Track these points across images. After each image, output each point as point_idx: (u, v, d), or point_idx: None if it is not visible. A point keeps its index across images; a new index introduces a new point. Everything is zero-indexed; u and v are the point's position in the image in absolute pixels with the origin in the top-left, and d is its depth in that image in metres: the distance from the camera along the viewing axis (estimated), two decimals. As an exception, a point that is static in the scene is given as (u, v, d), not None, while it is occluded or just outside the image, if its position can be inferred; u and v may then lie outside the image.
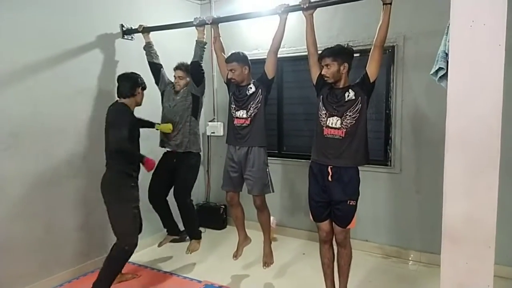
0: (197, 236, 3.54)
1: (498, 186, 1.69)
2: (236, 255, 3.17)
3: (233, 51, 2.97)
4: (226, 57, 3.01)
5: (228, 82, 3.07)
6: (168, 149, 3.44)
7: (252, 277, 3.24)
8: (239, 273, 3.30)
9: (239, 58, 2.94)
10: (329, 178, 2.51)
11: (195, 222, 3.54)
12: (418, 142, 3.39)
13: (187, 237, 4.01)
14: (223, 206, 4.42)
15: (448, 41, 1.80)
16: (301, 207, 3.92)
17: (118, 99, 2.91)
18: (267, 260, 3.12)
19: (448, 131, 1.77)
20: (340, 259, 2.63)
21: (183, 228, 3.58)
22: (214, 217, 4.41)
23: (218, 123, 4.47)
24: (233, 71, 2.92)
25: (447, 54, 1.87)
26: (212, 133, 4.49)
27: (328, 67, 2.47)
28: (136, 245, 2.79)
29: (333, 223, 2.60)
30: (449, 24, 1.77)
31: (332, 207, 2.56)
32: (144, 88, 2.95)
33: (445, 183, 1.79)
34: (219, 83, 4.36)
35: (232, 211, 3.23)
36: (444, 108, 1.77)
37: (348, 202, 2.50)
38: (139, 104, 2.95)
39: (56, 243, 3.08)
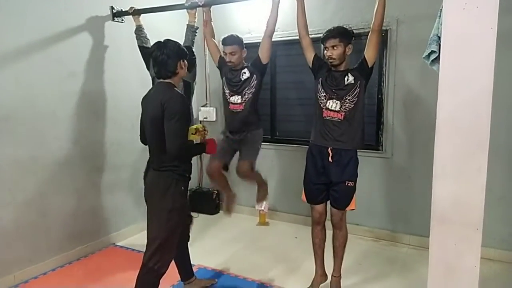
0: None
1: (487, 170, 1.71)
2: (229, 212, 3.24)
3: (229, 34, 2.93)
4: (221, 39, 2.96)
5: (221, 66, 3.04)
6: None
7: (244, 260, 3.28)
8: (232, 257, 3.33)
9: (238, 40, 2.91)
10: (330, 159, 2.51)
11: None
12: (409, 126, 3.41)
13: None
14: (216, 192, 4.43)
15: (441, 24, 1.79)
16: (294, 192, 3.91)
17: (158, 80, 2.26)
18: (260, 198, 3.16)
19: (439, 114, 1.78)
20: (335, 240, 2.65)
21: None
22: (207, 202, 4.42)
23: (211, 108, 4.45)
24: (233, 53, 2.89)
25: (439, 38, 1.86)
26: (204, 118, 4.47)
27: (335, 48, 2.42)
28: (168, 264, 2.26)
29: (330, 205, 2.61)
30: (442, 7, 1.77)
31: (329, 188, 2.58)
32: (186, 57, 2.27)
33: (434, 165, 1.81)
34: (211, 67, 4.31)
35: (216, 181, 3.11)
36: (435, 93, 1.77)
37: (346, 183, 2.51)
38: (183, 76, 2.38)
39: (49, 228, 3.08)
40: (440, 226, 1.85)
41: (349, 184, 2.52)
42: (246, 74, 2.91)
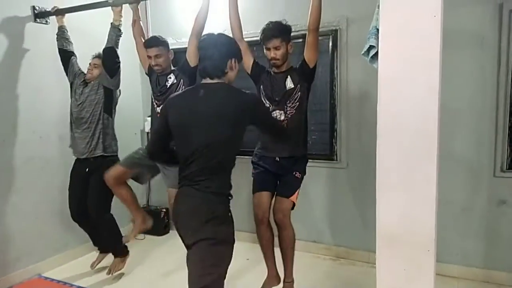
0: (121, 253, 3.08)
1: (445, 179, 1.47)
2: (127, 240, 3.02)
3: (152, 35, 2.67)
4: (144, 42, 2.71)
5: (151, 73, 2.76)
6: (78, 156, 2.93)
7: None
8: (182, 281, 2.96)
9: (163, 42, 2.68)
10: (277, 159, 2.46)
11: (117, 237, 3.06)
12: (365, 133, 3.14)
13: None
14: (165, 210, 4.06)
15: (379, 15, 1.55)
16: (242, 207, 3.58)
17: (205, 79, 1.81)
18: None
19: (380, 118, 1.54)
20: (282, 242, 2.46)
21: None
22: (155, 222, 4.00)
23: (157, 118, 4.10)
24: (158, 56, 2.64)
25: (378, 30, 1.62)
26: (150, 128, 4.11)
27: (278, 49, 2.33)
28: None
29: (275, 197, 2.48)
30: (380, -5, 1.53)
31: (277, 179, 2.50)
32: (239, 58, 1.90)
33: (377, 176, 1.58)
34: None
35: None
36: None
37: (294, 174, 2.44)
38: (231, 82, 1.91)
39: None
40: (387, 248, 1.59)
41: (296, 175, 2.44)
42: (171, 79, 2.67)
